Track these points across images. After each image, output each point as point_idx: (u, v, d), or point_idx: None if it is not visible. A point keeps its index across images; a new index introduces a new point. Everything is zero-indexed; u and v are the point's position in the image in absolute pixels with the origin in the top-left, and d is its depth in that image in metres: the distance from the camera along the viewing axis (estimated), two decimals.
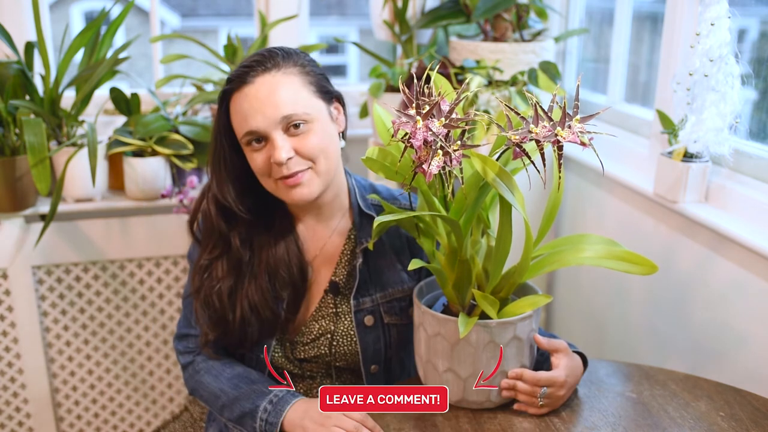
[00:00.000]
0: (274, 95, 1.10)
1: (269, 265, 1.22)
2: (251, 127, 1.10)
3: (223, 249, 1.22)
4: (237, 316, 1.21)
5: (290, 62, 1.14)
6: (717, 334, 1.39)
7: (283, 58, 1.14)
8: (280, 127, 1.10)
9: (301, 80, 1.13)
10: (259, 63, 1.12)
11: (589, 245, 1.13)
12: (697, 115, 1.35)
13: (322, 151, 1.13)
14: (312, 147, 1.12)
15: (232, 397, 1.19)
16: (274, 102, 1.09)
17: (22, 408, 1.98)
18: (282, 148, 1.09)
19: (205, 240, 1.23)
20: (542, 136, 0.90)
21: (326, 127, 1.15)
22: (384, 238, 1.26)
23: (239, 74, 1.12)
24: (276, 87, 1.10)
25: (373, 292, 1.25)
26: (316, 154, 1.12)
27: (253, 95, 1.10)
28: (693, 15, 1.45)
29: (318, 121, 1.13)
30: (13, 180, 1.73)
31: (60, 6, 8.03)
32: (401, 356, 1.30)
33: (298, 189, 1.13)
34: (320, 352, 1.25)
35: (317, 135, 1.12)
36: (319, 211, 1.25)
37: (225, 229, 1.21)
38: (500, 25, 1.85)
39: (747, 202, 1.34)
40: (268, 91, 1.10)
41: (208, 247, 1.23)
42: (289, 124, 1.10)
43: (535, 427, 1.08)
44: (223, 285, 1.21)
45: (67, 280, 1.93)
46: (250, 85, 1.11)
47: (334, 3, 8.28)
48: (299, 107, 1.10)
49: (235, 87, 1.12)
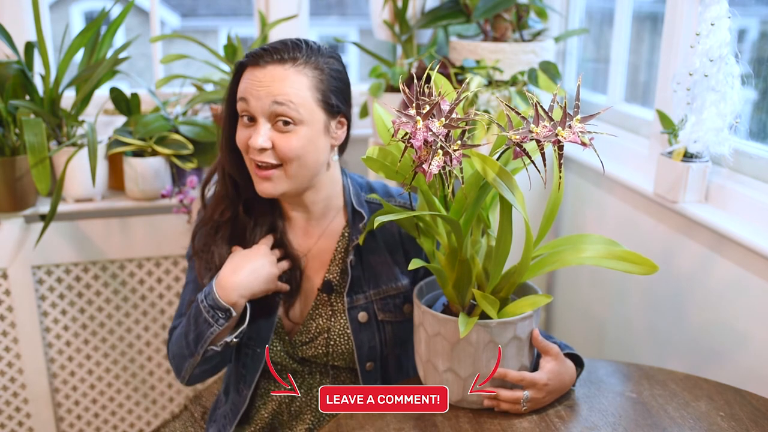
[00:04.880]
0: (274, 87, 1.11)
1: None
2: (245, 104, 1.13)
3: (233, 214, 1.26)
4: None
5: (310, 62, 1.13)
6: (717, 334, 1.39)
7: (306, 55, 1.13)
8: (267, 114, 1.12)
9: (309, 83, 1.12)
10: (278, 51, 1.13)
11: (589, 245, 1.12)
12: (697, 115, 1.35)
13: (298, 157, 1.13)
14: (289, 149, 1.12)
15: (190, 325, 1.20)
16: (272, 92, 1.11)
17: (22, 408, 1.98)
18: (261, 135, 1.11)
19: (217, 201, 1.26)
20: (543, 136, 0.90)
21: (314, 136, 1.14)
22: (378, 235, 1.27)
23: (258, 53, 1.14)
24: (280, 80, 1.11)
25: (367, 289, 1.25)
26: (290, 157, 1.13)
27: (258, 78, 1.12)
28: (693, 15, 1.45)
29: (307, 127, 1.13)
30: (13, 180, 1.73)
31: (60, 6, 8.03)
32: (397, 354, 1.30)
33: (265, 183, 1.15)
34: (318, 352, 1.26)
35: (300, 140, 1.12)
36: (306, 210, 1.25)
37: (234, 195, 1.25)
38: (500, 25, 1.85)
39: (747, 202, 1.34)
40: (271, 80, 1.11)
41: (220, 209, 1.26)
42: (277, 118, 1.11)
43: (534, 427, 1.08)
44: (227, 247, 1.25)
45: (67, 280, 1.93)
46: (260, 68, 1.12)
47: (334, 3, 8.28)
48: (292, 107, 1.11)
49: (249, 63, 1.14)
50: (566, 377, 1.14)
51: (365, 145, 2.03)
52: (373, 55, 2.00)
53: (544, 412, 1.12)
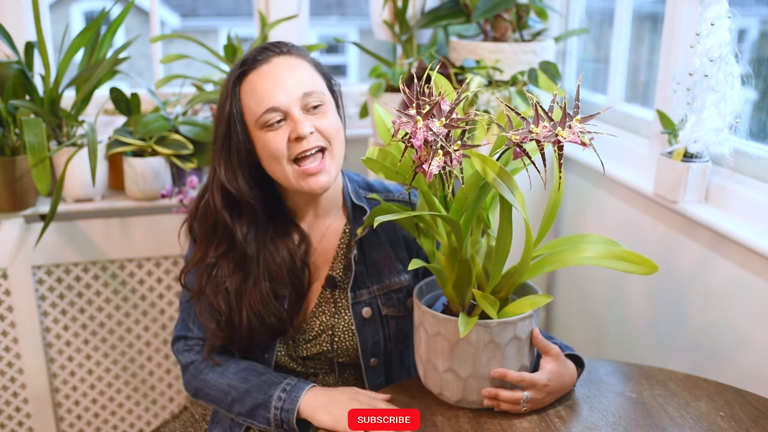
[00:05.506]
0: (294, 73, 1.13)
1: (269, 266, 1.21)
2: (272, 104, 1.11)
3: (229, 245, 1.20)
4: (243, 321, 1.19)
5: (300, 52, 1.18)
6: (717, 334, 1.39)
7: (292, 47, 1.18)
8: (299, 104, 1.12)
9: (311, 67, 1.17)
10: (274, 46, 1.16)
11: (589, 245, 1.12)
12: (697, 115, 1.35)
13: (339, 133, 1.16)
14: (329, 126, 1.14)
15: (242, 390, 1.17)
16: (295, 79, 1.12)
17: (22, 408, 1.98)
18: (304, 123, 1.11)
19: (208, 237, 1.21)
20: (543, 136, 0.90)
21: (335, 114, 1.18)
22: (380, 230, 1.27)
23: (254, 56, 1.14)
24: (294, 66, 1.14)
25: (370, 284, 1.26)
26: (333, 134, 1.14)
27: (272, 73, 1.12)
28: (693, 15, 1.45)
29: (330, 105, 1.16)
30: (13, 180, 1.73)
31: (60, 6, 8.03)
32: (400, 349, 1.30)
33: (318, 177, 1.13)
34: (323, 349, 1.26)
35: (332, 117, 1.16)
36: (317, 206, 1.25)
37: (228, 222, 1.19)
38: (500, 25, 1.85)
39: (747, 202, 1.34)
40: (286, 69, 1.13)
41: (213, 244, 1.21)
42: (309, 103, 1.12)
43: (534, 427, 1.08)
44: (229, 284, 1.20)
45: (67, 280, 1.93)
46: (267, 65, 1.13)
47: (334, 3, 8.28)
48: (317, 87, 1.14)
49: (250, 68, 1.14)
50: (567, 378, 1.13)
51: (365, 146, 2.03)
52: (373, 55, 2.00)
53: (544, 412, 1.12)
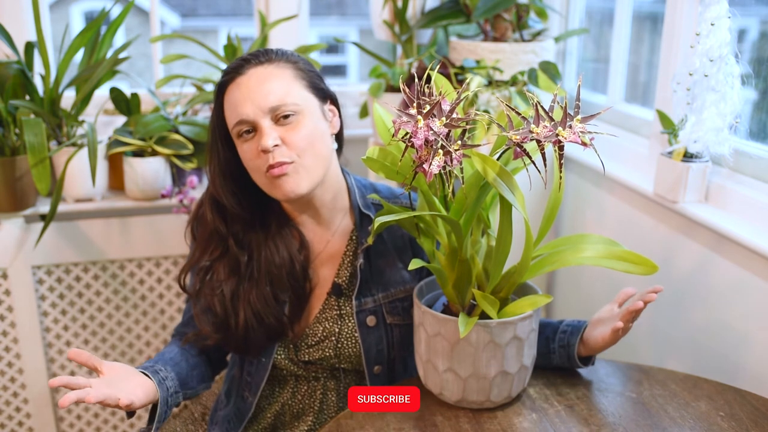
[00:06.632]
0: (265, 85, 1.11)
1: (269, 269, 1.21)
2: (241, 116, 1.12)
3: (223, 250, 1.23)
4: (240, 322, 1.20)
5: (284, 58, 1.16)
6: (717, 334, 1.39)
7: (276, 54, 1.17)
8: (268, 116, 1.11)
9: (293, 74, 1.15)
10: (254, 56, 1.15)
11: (589, 245, 1.13)
12: (697, 115, 1.35)
13: (310, 145, 1.13)
14: (299, 138, 1.12)
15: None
16: (264, 91, 1.11)
17: (22, 408, 1.98)
18: (269, 135, 1.10)
19: (205, 242, 1.24)
20: (543, 136, 0.90)
21: (316, 122, 1.15)
22: (386, 237, 1.26)
23: (234, 67, 1.15)
24: (267, 77, 1.12)
25: (375, 292, 1.25)
26: (303, 147, 1.12)
27: (245, 84, 1.12)
28: (693, 15, 1.45)
29: (308, 115, 1.14)
30: (13, 180, 1.73)
31: (60, 6, 8.03)
32: (404, 356, 1.29)
33: (284, 180, 1.12)
34: (325, 355, 1.25)
35: (306, 128, 1.13)
36: (317, 212, 1.24)
37: (223, 230, 1.22)
38: (500, 25, 1.85)
39: (747, 202, 1.34)
40: (258, 80, 1.12)
41: (209, 249, 1.23)
42: (278, 114, 1.11)
43: (534, 427, 1.08)
44: (225, 288, 1.21)
45: (67, 280, 1.93)
46: (243, 76, 1.13)
47: (334, 3, 8.28)
48: (289, 98, 1.12)
49: (229, 79, 1.14)
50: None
51: (365, 145, 2.03)
52: (373, 55, 2.00)
53: (544, 413, 1.12)
